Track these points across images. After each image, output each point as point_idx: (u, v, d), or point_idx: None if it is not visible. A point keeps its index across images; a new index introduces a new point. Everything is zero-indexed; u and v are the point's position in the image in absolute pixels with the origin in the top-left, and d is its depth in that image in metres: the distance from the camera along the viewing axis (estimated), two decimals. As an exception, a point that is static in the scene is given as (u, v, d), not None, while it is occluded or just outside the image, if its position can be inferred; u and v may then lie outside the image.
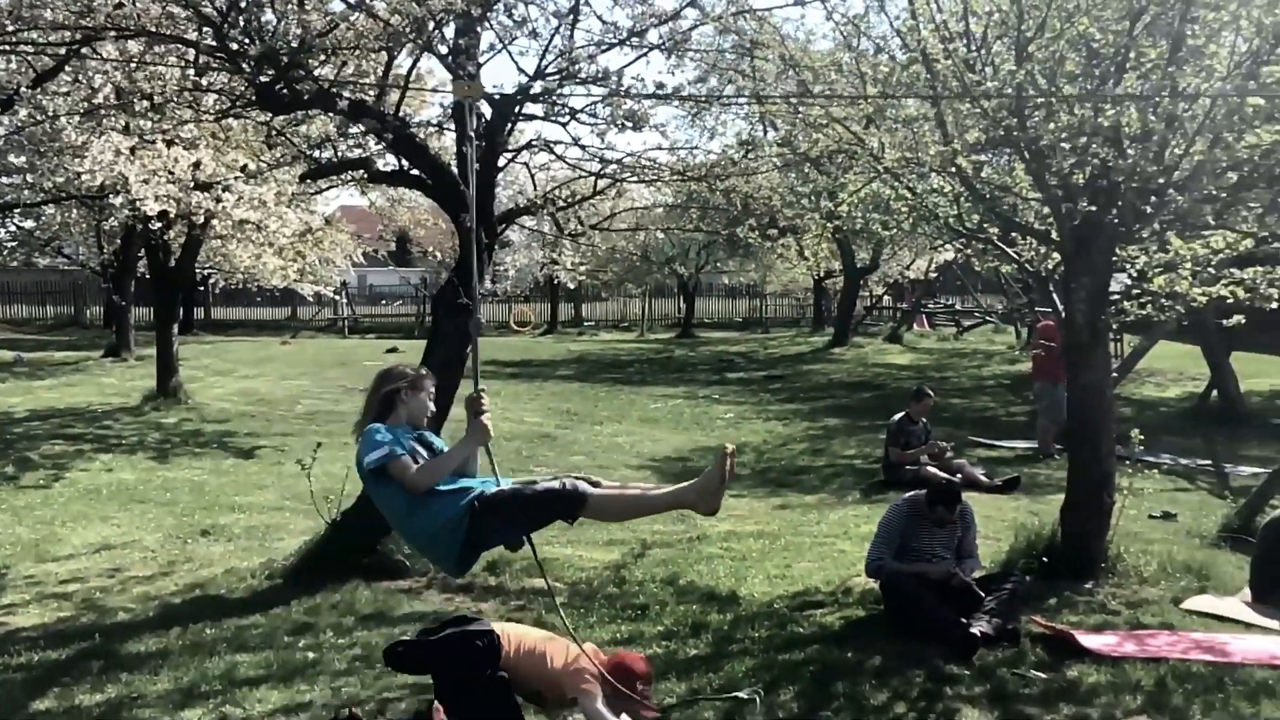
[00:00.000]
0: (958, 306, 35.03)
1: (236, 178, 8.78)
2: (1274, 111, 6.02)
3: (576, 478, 4.45)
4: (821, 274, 31.16)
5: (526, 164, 7.50)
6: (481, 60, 6.46)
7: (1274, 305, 7.19)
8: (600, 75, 5.95)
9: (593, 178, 7.25)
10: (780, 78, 8.37)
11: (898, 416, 11.35)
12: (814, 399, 18.43)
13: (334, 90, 6.38)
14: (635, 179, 7.22)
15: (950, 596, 6.26)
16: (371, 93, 6.64)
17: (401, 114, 6.91)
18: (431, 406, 4.76)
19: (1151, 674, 5.59)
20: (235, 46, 6.36)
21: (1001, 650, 5.88)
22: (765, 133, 13.04)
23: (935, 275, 31.60)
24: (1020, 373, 19.47)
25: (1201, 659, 5.84)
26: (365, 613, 6.49)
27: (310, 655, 5.77)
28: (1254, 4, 5.78)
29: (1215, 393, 16.02)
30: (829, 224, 8.53)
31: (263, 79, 6.32)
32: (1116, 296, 7.23)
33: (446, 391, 7.19)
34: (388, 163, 7.48)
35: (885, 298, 35.92)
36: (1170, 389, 18.77)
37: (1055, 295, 7.45)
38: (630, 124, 5.90)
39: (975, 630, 5.87)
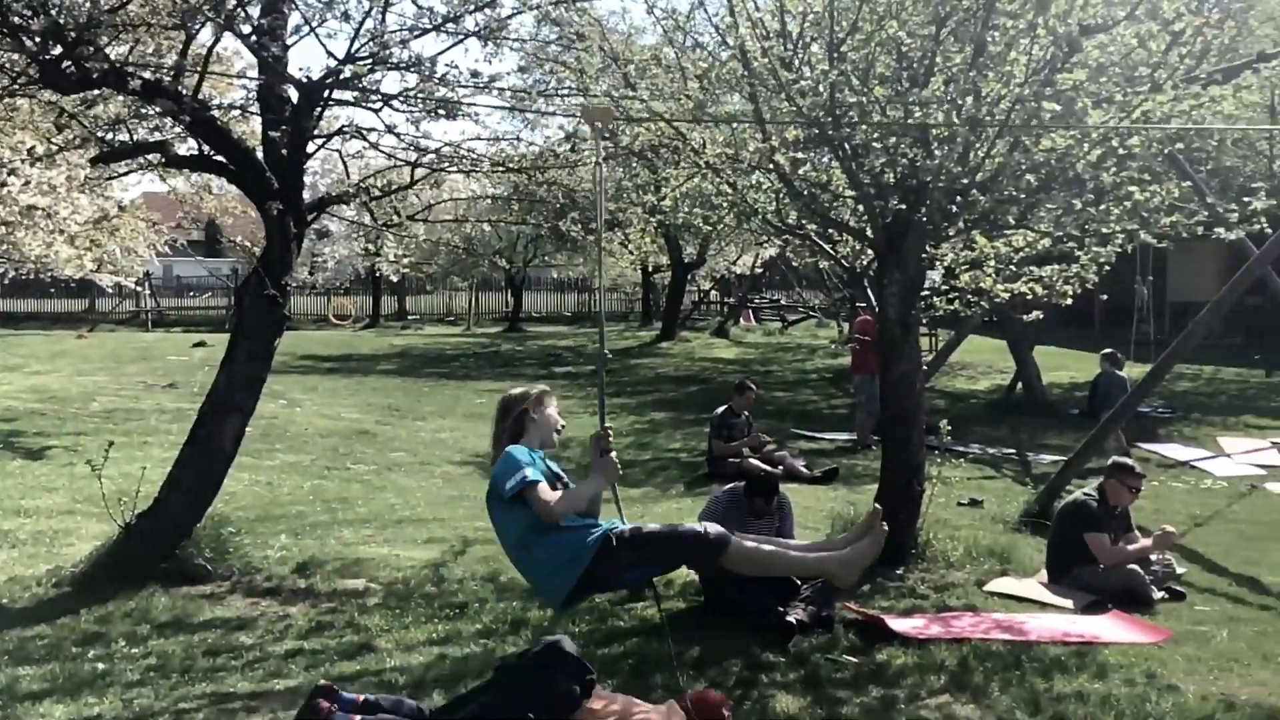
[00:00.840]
0: (783, 302, 36.08)
1: (24, 161, 8.29)
2: (1069, 117, 6.43)
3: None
4: (650, 269, 31.56)
5: (339, 151, 7.31)
6: (289, 42, 6.26)
7: (1069, 301, 7.71)
8: (414, 61, 5.85)
9: (409, 167, 7.13)
10: (604, 71, 8.44)
11: (721, 410, 11.61)
12: (641, 393, 18.65)
13: (127, 69, 6.07)
14: (454, 169, 7.13)
15: (768, 586, 6.44)
16: (200, 72, 6.34)
17: (202, 96, 6.63)
18: (560, 420, 4.78)
19: (955, 654, 5.90)
20: (18, 20, 5.97)
21: (816, 636, 6.09)
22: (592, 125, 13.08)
23: (761, 270, 32.45)
24: (841, 366, 20.20)
25: (1001, 638, 6.20)
26: (162, 620, 6.21)
27: (100, 666, 5.48)
28: (1050, 13, 6.15)
29: (1020, 385, 17.02)
30: (652, 218, 8.66)
31: (48, 56, 5.96)
32: (927, 292, 7.61)
33: (255, 386, 6.97)
34: (190, 147, 7.17)
35: (712, 292, 36.67)
36: (980, 382, 19.83)
37: (870, 290, 7.77)
38: (444, 112, 5.83)
39: (791, 618, 6.07)
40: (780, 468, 11.03)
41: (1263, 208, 6.51)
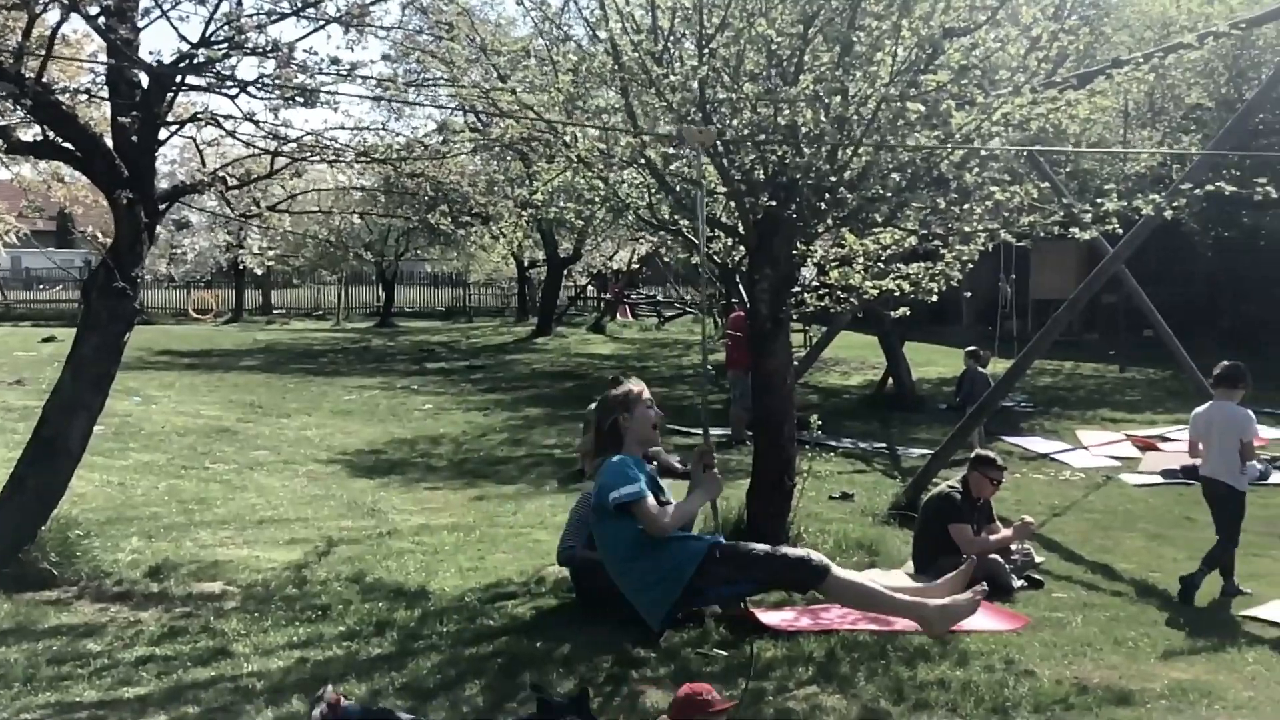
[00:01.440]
0: (659, 297, 36.35)
1: None
2: (933, 118, 6.64)
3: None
4: (526, 264, 31.46)
5: (194, 139, 7.08)
6: (139, 24, 6.04)
7: (935, 298, 7.97)
8: (271, 47, 5.70)
9: (269, 156, 6.95)
10: (474, 62, 8.35)
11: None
12: (516, 389, 18.57)
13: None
14: (317, 159, 6.98)
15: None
16: (45, 54, 6.04)
17: (48, 80, 6.35)
18: (654, 413, 4.68)
19: (823, 645, 6.05)
20: None
21: (688, 631, 6.17)
22: (465, 116, 12.98)
23: (638, 266, 32.64)
24: (718, 362, 20.44)
25: (868, 629, 6.38)
26: (3, 628, 5.94)
27: (-67, 679, 5.22)
28: (914, 15, 6.33)
29: (891, 380, 17.49)
30: (523, 212, 8.63)
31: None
32: (798, 289, 7.76)
33: (103, 383, 6.71)
34: (36, 133, 6.85)
35: (589, 288, 36.71)
36: (853, 377, 20.32)
37: (741, 287, 7.89)
38: (303, 100, 5.70)
39: (662, 612, 6.12)
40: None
41: (1114, 209, 6.82)
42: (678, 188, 7.29)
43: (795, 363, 8.75)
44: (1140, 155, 14.17)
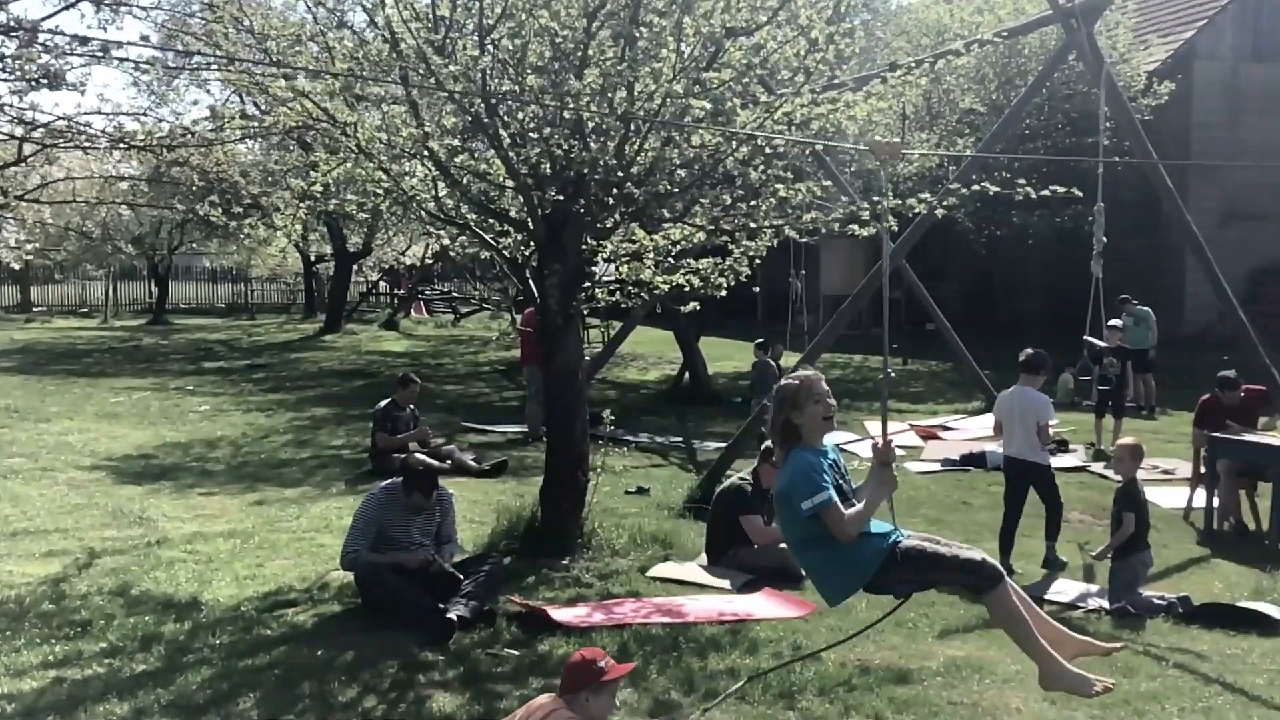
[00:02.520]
0: (455, 293, 35.95)
1: None
2: (718, 115, 6.81)
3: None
4: (313, 258, 30.54)
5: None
6: None
7: (724, 293, 8.18)
8: (12, 25, 5.32)
9: (15, 142, 6.49)
10: (249, 46, 8.04)
11: (384, 403, 11.44)
12: (302, 388, 18.01)
13: None
14: (70, 145, 6.56)
15: (429, 583, 6.43)
16: None
17: None
18: (827, 407, 4.57)
19: (616, 639, 6.14)
20: None
21: (479, 632, 6.15)
22: (242, 103, 12.52)
23: (432, 261, 32.19)
24: (514, 358, 20.39)
25: (661, 621, 6.52)
26: None
27: None
28: (697, 13, 6.48)
29: (688, 375, 17.86)
30: (301, 203, 8.35)
31: None
32: (589, 284, 7.83)
33: None
34: None
35: (381, 283, 35.97)
36: (650, 372, 20.65)
37: (531, 281, 7.90)
38: (46, 82, 5.35)
39: (452, 615, 6.10)
40: (448, 462, 11.02)
41: (890, 206, 7.18)
42: (465, 180, 7.23)
43: (588, 358, 8.81)
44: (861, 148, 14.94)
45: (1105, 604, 7.33)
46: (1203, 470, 10.06)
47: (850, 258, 23.56)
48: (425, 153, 6.78)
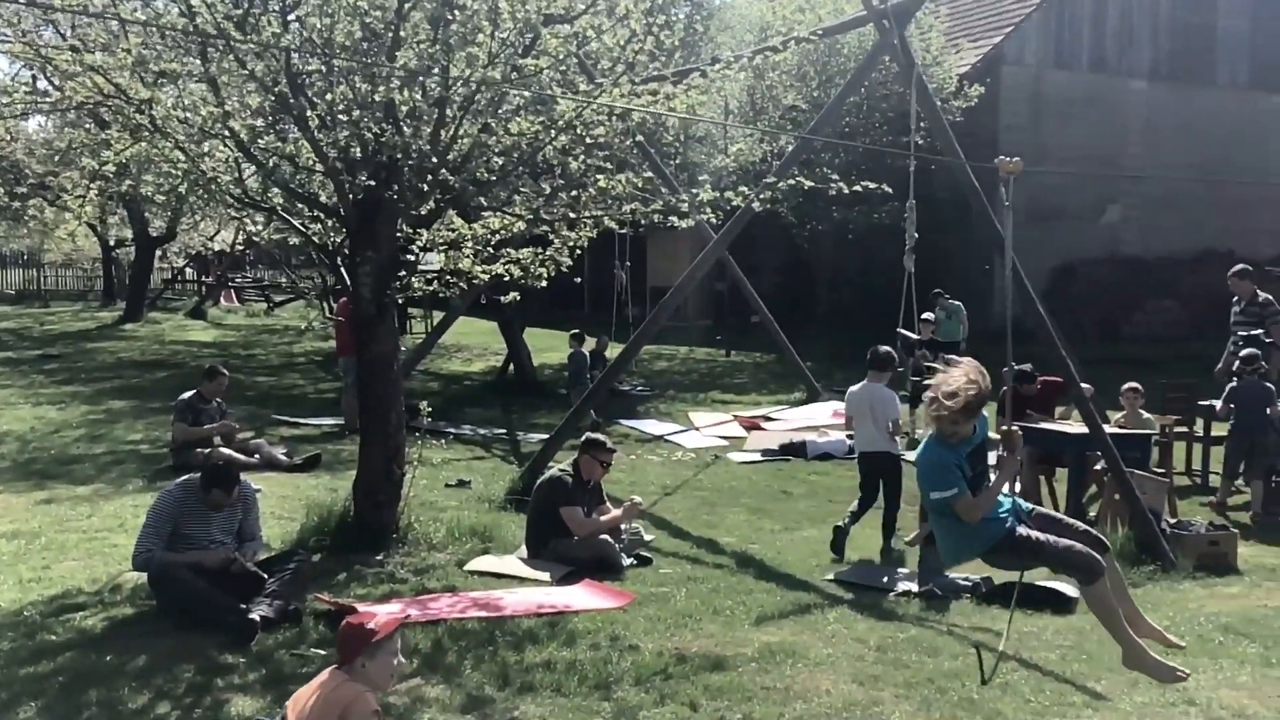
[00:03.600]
0: (268, 281, 34.84)
1: None
2: (536, 103, 6.80)
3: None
4: (112, 243, 29.07)
5: None
6: None
7: (544, 283, 8.19)
8: None
9: None
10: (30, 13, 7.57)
11: (188, 395, 11.00)
12: (98, 380, 17.12)
13: None
14: None
15: (231, 583, 6.23)
16: None
17: None
18: (949, 404, 5.16)
19: (430, 636, 6.08)
20: None
21: (283, 632, 6.00)
22: (32, 77, 11.80)
23: (243, 248, 31.09)
24: (332, 349, 19.91)
25: (477, 616, 6.49)
26: None
27: None
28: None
29: (512, 366, 17.81)
30: (92, 184, 7.90)
31: None
32: (405, 273, 7.70)
33: None
34: None
35: (188, 270, 34.56)
36: (475, 364, 20.49)
37: (344, 270, 7.72)
38: None
39: (255, 615, 5.93)
40: (256, 456, 10.69)
41: (709, 198, 7.32)
42: (271, 163, 7.00)
43: (406, 349, 8.66)
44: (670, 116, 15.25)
45: (914, 587, 7.67)
46: (1005, 458, 10.64)
47: (676, 249, 23.90)
48: (226, 133, 6.53)
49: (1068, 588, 7.51)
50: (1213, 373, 11.81)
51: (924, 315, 14.58)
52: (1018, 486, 6.54)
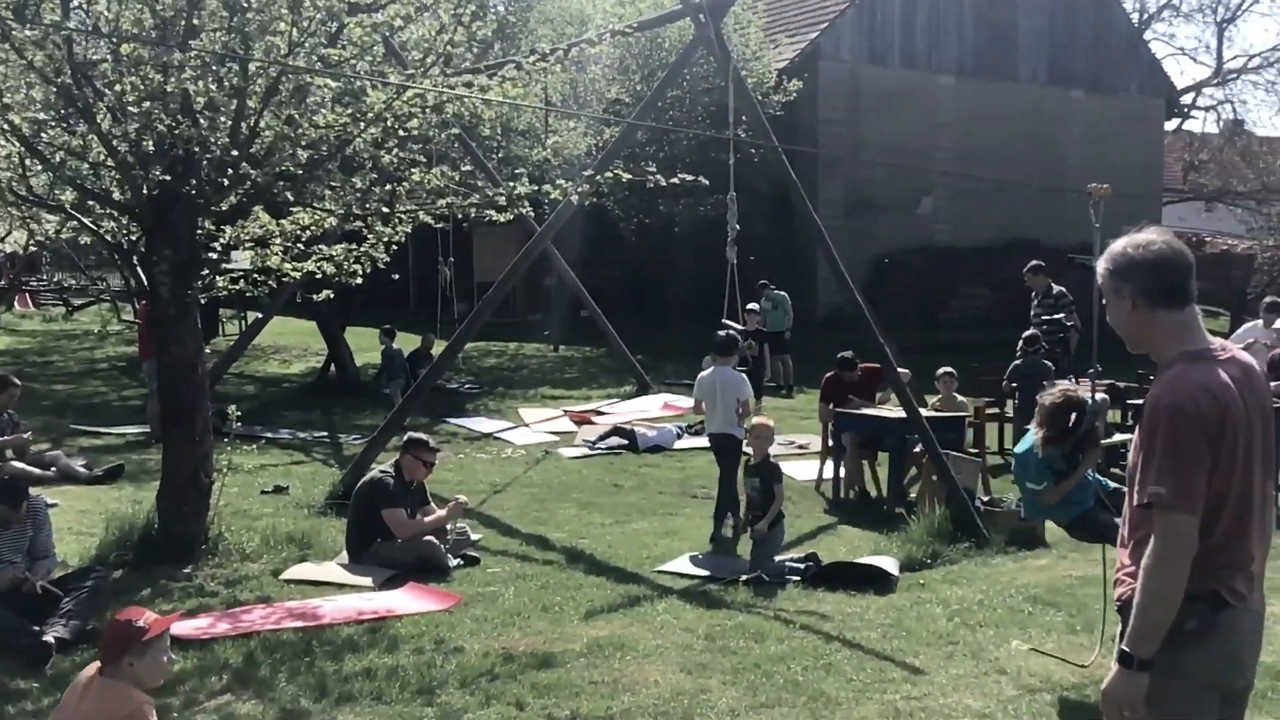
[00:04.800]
0: (65, 283, 33.03)
1: None
2: (343, 95, 6.63)
3: None
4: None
5: None
6: None
7: (359, 280, 8.00)
8: None
9: None
10: None
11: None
12: None
13: None
14: None
15: (23, 604, 5.90)
16: None
17: None
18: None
19: (241, 650, 5.88)
20: None
21: (81, 653, 5.73)
22: None
23: (37, 249, 29.35)
24: (135, 354, 19.06)
25: (293, 626, 6.31)
26: None
27: None
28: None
29: (334, 366, 17.38)
30: None
31: None
32: (207, 272, 7.40)
33: None
34: None
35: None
36: (295, 365, 19.91)
37: (140, 269, 7.39)
38: None
39: (49, 637, 5.66)
40: (53, 469, 10.16)
41: (526, 192, 7.28)
42: (58, 159, 6.62)
43: (214, 351, 8.34)
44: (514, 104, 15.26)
45: (744, 574, 7.79)
46: (830, 444, 10.95)
47: (503, 245, 23.75)
48: (6, 127, 6.14)
49: (890, 563, 7.78)
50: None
51: (749, 306, 14.88)
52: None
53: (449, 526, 8.28)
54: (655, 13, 16.02)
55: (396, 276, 9.38)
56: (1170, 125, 34.28)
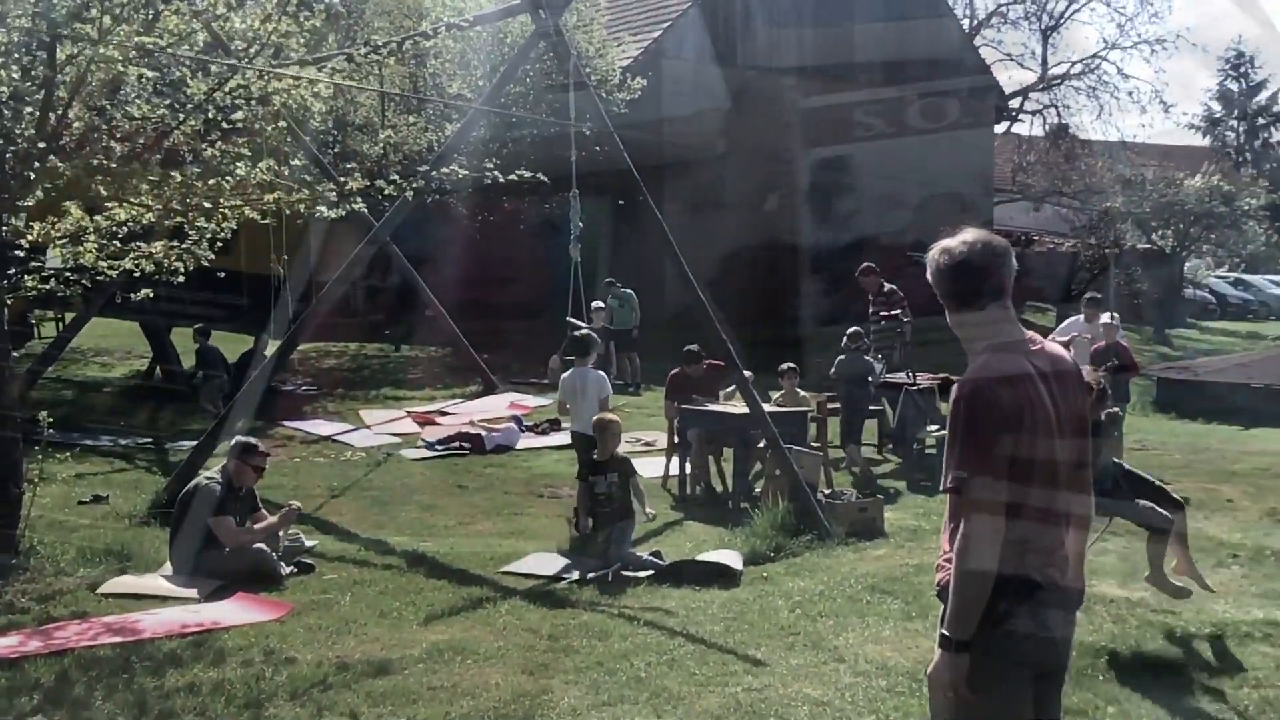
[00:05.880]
0: None
1: None
2: (160, 85, 6.38)
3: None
4: None
5: None
6: None
7: (182, 278, 7.71)
8: None
9: None
10: None
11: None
12: None
13: None
14: None
15: None
16: None
17: None
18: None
19: (54, 668, 5.62)
20: None
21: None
22: None
23: None
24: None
25: (110, 642, 6.04)
26: None
27: None
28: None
29: (160, 369, 16.69)
30: None
31: None
32: (14, 270, 7.02)
33: None
34: None
35: None
36: (117, 368, 19.04)
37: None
38: None
39: None
40: None
41: (358, 187, 7.13)
42: None
43: (16, 352, 7.91)
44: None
45: (591, 573, 7.79)
46: (675, 440, 11.06)
47: (343, 241, 23.18)
48: None
49: (734, 557, 7.89)
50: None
51: (595, 303, 14.91)
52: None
53: (281, 533, 8.05)
54: (496, 6, 15.89)
55: (223, 274, 9.04)
56: (1000, 128, 35.88)
